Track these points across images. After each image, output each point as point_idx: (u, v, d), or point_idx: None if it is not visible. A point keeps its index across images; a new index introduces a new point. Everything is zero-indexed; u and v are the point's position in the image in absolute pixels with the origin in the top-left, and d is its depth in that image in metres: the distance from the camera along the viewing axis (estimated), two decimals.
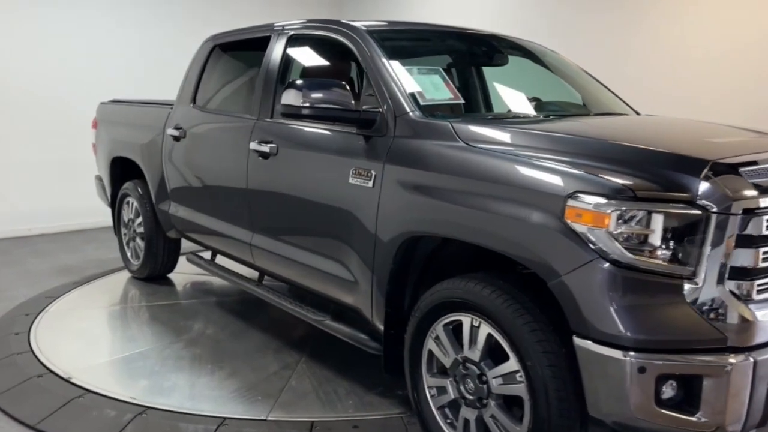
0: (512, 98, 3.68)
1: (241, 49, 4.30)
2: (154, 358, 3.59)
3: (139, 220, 5.02)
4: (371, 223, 2.78)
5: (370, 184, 2.78)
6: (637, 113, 3.74)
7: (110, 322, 4.25)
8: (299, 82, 2.91)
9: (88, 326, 4.15)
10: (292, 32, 3.61)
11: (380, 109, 2.87)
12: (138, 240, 5.10)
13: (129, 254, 5.28)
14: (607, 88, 3.88)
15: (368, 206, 2.80)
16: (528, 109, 3.46)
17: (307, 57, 3.71)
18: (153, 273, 5.09)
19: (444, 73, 3.07)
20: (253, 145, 3.52)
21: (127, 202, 5.20)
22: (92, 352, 3.71)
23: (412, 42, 3.55)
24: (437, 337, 2.58)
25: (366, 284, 2.87)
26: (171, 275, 5.23)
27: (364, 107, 2.90)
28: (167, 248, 5.00)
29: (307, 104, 2.87)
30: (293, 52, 3.63)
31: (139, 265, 5.09)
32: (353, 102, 2.88)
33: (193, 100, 4.35)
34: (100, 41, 7.27)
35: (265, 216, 3.54)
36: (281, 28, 3.72)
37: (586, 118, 3.28)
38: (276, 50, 3.65)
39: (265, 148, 3.41)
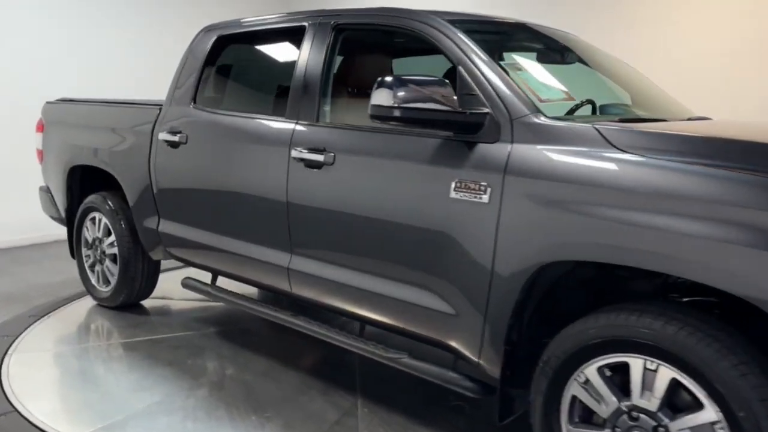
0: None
1: (258, 42, 3.71)
2: (179, 412, 2.96)
3: (111, 239, 4.29)
4: (486, 246, 2.35)
5: (484, 199, 2.35)
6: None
7: (102, 367, 3.53)
8: (390, 79, 2.43)
9: (73, 374, 3.43)
10: (339, 22, 3.10)
11: (486, 111, 2.44)
12: (108, 263, 4.36)
13: (94, 280, 4.52)
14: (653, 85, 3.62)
15: (480, 225, 2.36)
16: (628, 112, 3.12)
17: (363, 51, 3.21)
18: (128, 300, 4.37)
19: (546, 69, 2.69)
20: (297, 153, 2.99)
21: (92, 219, 4.45)
22: (97, 413, 2.99)
23: (492, 35, 3.13)
24: (587, 382, 2.18)
25: (474, 318, 2.43)
26: (146, 302, 4.52)
27: (465, 110, 2.46)
28: (146, 271, 4.30)
29: (402, 105, 2.39)
30: (344, 45, 3.12)
31: (111, 291, 4.36)
32: (456, 103, 2.44)
33: (194, 100, 3.71)
34: (37, 40, 6.41)
35: (312, 236, 3.01)
36: (320, 17, 3.19)
37: (700, 123, 2.95)
38: (317, 43, 3.12)
39: (317, 156, 2.89)
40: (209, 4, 7.63)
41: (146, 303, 4.53)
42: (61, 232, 5.00)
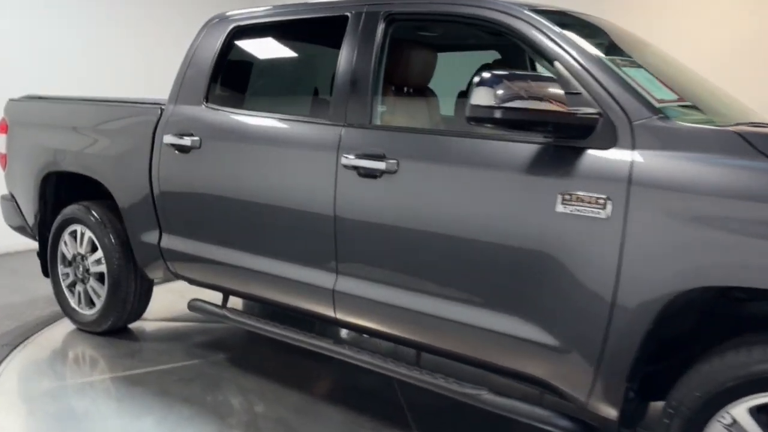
0: None
1: (284, 33, 3.28)
2: None
3: (97, 255, 3.77)
4: (605, 268, 2.04)
5: (603, 214, 2.04)
6: None
7: (105, 408, 3.02)
8: (490, 75, 2.09)
9: (70, 421, 2.92)
10: (393, 11, 2.73)
11: (598, 113, 2.13)
12: (93, 282, 3.84)
13: (75, 301, 3.98)
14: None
15: (598, 244, 2.06)
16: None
17: (421, 44, 2.85)
18: (116, 324, 3.86)
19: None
20: (349, 160, 2.61)
21: (72, 233, 3.92)
22: None
23: (577, 29, 2.82)
24: (733, 424, 1.90)
25: (586, 352, 2.12)
26: (132, 324, 4.02)
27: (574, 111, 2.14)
28: (139, 291, 3.81)
29: (503, 105, 2.06)
30: (398, 37, 2.76)
31: (96, 314, 3.84)
32: (566, 102, 2.12)
33: (206, 99, 3.26)
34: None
35: (367, 254, 2.64)
36: (366, 5, 2.81)
37: None
38: (365, 35, 2.75)
39: (375, 164, 2.52)
40: None
41: (133, 326, 4.02)
42: (17, 242, 4.42)
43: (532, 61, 3.49)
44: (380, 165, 2.53)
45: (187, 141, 3.19)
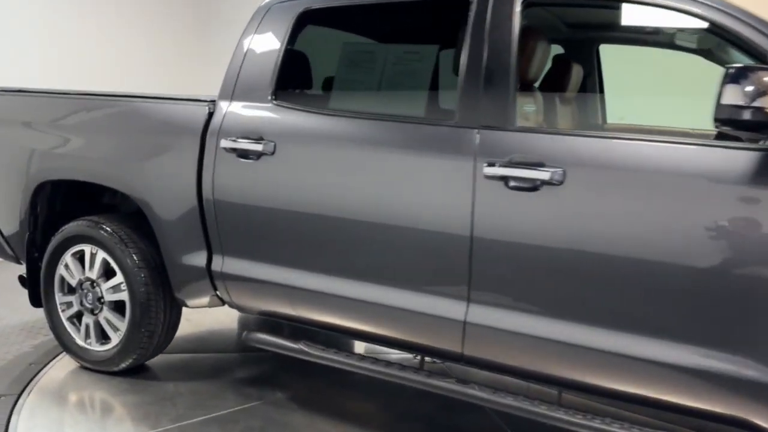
0: None
1: (374, 18, 2.82)
2: None
3: (115, 281, 3.16)
4: None
5: None
6: None
7: None
8: (738, 69, 1.79)
9: None
10: None
11: None
12: (107, 312, 3.22)
13: (80, 336, 3.33)
14: None
15: None
16: None
17: (575, 34, 2.49)
18: (139, 361, 3.26)
19: None
20: (494, 170, 2.23)
21: (77, 254, 3.27)
22: None
23: None
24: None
25: None
26: (150, 361, 3.42)
27: None
28: (168, 322, 3.22)
29: (755, 105, 1.77)
30: (540, 26, 2.40)
31: (114, 351, 3.21)
32: None
33: (273, 96, 2.76)
34: None
35: (519, 282, 2.27)
36: None
37: None
38: (497, 23, 2.36)
39: (534, 173, 2.16)
40: None
41: (151, 361, 3.42)
42: None
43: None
44: (541, 175, 2.16)
45: (256, 146, 2.68)
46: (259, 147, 2.68)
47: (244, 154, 2.72)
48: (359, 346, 3.58)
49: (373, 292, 2.53)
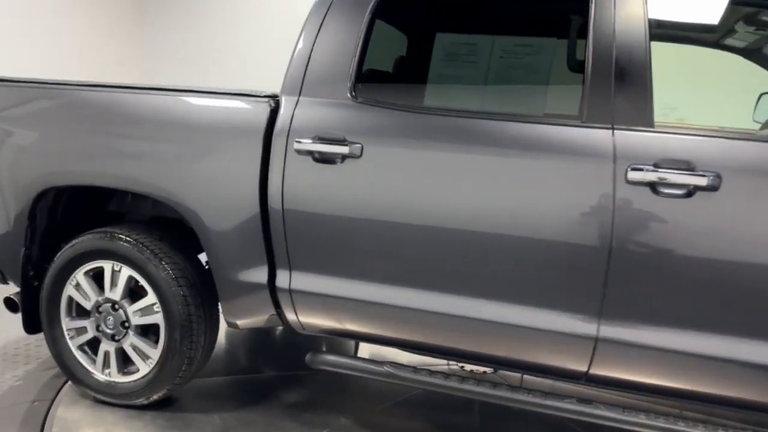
0: None
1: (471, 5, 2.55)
2: None
3: (146, 301, 2.75)
4: None
5: None
6: None
7: None
8: None
9: None
10: None
11: None
12: (134, 338, 2.80)
13: (95, 365, 2.88)
14: None
15: None
16: None
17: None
18: (174, 391, 2.86)
19: None
20: (640, 174, 2.07)
21: (90, 272, 2.82)
22: None
23: None
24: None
25: None
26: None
27: None
28: (208, 345, 2.85)
29: None
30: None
31: (144, 382, 2.80)
32: None
33: (352, 92, 2.46)
34: None
35: (662, 292, 2.12)
36: None
37: None
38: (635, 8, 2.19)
39: (690, 179, 2.02)
40: None
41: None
42: None
43: None
44: (697, 180, 2.02)
45: (340, 148, 2.37)
46: (343, 149, 2.37)
47: (323, 157, 2.40)
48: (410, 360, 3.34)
49: (478, 307, 2.31)
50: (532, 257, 2.21)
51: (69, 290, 2.86)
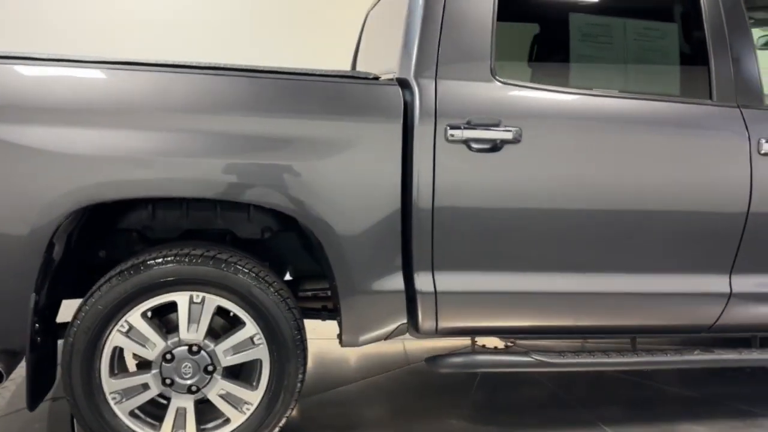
0: None
1: None
2: None
3: (241, 336, 2.23)
4: None
5: None
6: None
7: None
8: None
9: None
10: None
11: None
12: (225, 383, 2.24)
13: (164, 430, 2.24)
14: None
15: None
16: None
17: None
18: None
19: None
20: None
21: (149, 313, 2.19)
22: None
23: None
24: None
25: None
26: None
27: None
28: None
29: None
30: None
31: None
32: None
33: (493, 71, 2.31)
34: None
35: None
36: None
37: None
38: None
39: None
40: None
41: None
42: None
43: None
44: None
45: (498, 134, 2.23)
46: (504, 135, 2.23)
47: (481, 145, 2.22)
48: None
49: (628, 282, 2.42)
50: (683, 228, 2.38)
51: (116, 339, 2.15)
